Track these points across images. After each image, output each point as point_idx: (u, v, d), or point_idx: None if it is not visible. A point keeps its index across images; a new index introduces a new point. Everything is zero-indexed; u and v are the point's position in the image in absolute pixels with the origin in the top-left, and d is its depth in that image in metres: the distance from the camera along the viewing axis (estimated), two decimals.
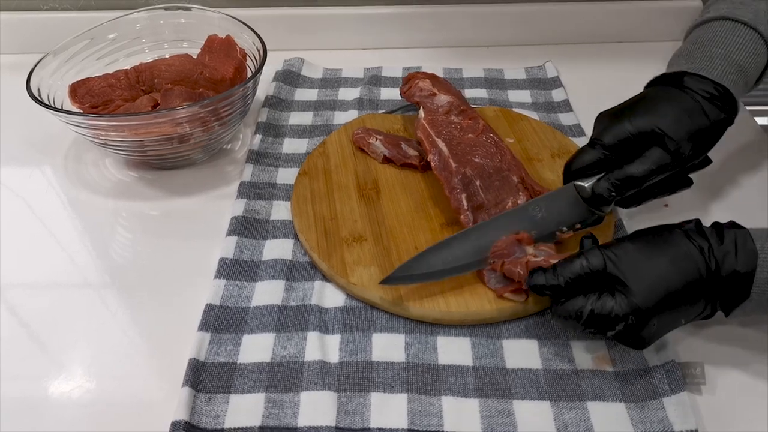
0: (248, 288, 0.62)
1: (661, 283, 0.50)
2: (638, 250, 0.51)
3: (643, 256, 0.51)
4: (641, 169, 0.57)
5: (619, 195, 0.59)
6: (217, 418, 0.52)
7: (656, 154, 0.57)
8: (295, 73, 0.92)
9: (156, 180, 0.76)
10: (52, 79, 0.76)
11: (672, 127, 0.57)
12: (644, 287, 0.50)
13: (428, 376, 0.54)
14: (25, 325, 0.60)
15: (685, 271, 0.50)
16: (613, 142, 0.59)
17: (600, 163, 0.60)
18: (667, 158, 0.57)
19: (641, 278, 0.50)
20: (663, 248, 0.51)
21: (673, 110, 0.58)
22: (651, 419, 0.50)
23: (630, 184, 0.58)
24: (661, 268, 0.50)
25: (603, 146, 0.59)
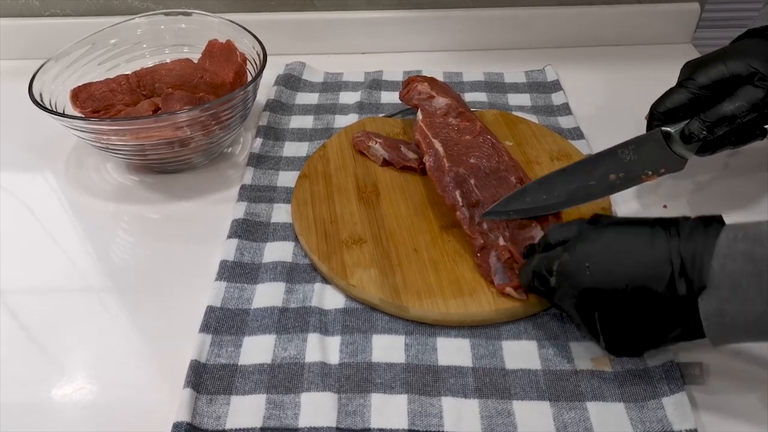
0: (249, 290, 0.62)
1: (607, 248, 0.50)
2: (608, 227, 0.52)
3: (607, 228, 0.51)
4: (734, 106, 0.59)
5: (711, 135, 0.60)
6: (219, 419, 0.52)
7: (749, 91, 0.59)
8: (296, 77, 0.93)
9: (157, 184, 0.77)
10: (53, 84, 0.76)
11: (765, 65, 0.59)
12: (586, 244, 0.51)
13: (428, 377, 0.54)
14: (27, 329, 0.61)
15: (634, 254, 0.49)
16: (706, 83, 0.61)
17: (689, 104, 0.62)
18: (759, 94, 0.59)
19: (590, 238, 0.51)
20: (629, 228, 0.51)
21: (764, 54, 0.60)
22: (650, 419, 0.50)
23: (723, 121, 0.59)
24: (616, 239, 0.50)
25: (696, 86, 0.61)
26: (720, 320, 0.45)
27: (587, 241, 0.51)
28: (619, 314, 0.50)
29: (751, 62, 0.60)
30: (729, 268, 0.44)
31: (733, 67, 0.60)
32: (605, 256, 0.49)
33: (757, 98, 0.59)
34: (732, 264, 0.44)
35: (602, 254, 0.50)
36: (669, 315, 0.48)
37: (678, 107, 0.62)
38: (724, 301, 0.45)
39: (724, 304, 0.45)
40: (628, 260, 0.48)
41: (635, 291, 0.48)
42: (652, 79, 0.94)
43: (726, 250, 0.45)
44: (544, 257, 0.54)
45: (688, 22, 0.99)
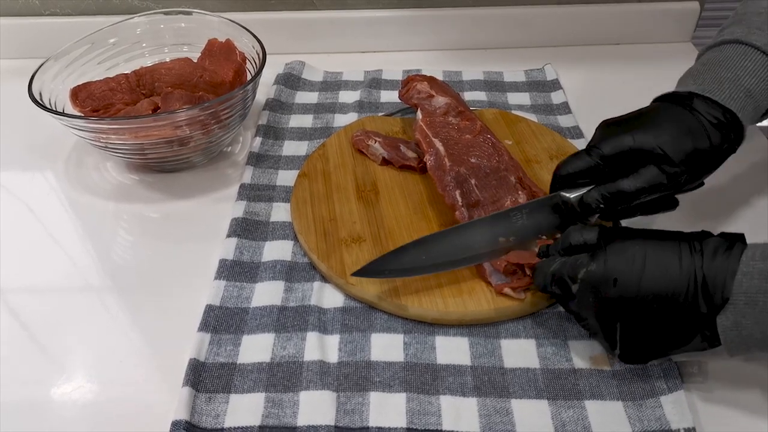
0: (248, 289, 0.62)
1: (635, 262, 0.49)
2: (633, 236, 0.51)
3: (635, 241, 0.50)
4: (634, 185, 0.56)
5: (608, 208, 0.58)
6: (217, 417, 0.52)
7: (652, 173, 0.56)
8: (295, 76, 0.93)
9: (156, 183, 0.77)
10: (53, 83, 0.76)
11: (673, 149, 0.56)
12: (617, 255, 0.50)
13: (427, 375, 0.54)
14: (27, 328, 0.61)
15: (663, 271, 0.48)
16: (610, 153, 0.58)
17: (591, 171, 0.59)
18: (662, 179, 0.56)
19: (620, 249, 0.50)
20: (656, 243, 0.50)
21: (677, 131, 0.57)
22: (648, 417, 0.50)
23: (620, 198, 0.57)
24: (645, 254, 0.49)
25: (599, 155, 0.58)
26: (736, 333, 0.47)
27: (615, 253, 0.50)
28: (641, 325, 0.50)
29: (660, 140, 0.56)
30: (746, 285, 0.46)
31: (640, 142, 0.56)
32: (633, 271, 0.49)
33: (659, 182, 0.56)
34: (749, 281, 0.46)
35: (631, 268, 0.49)
36: (688, 327, 0.48)
37: (580, 172, 0.59)
38: (740, 316, 0.46)
39: (740, 318, 0.46)
40: (656, 276, 0.48)
41: (660, 305, 0.48)
42: (651, 78, 0.94)
43: (744, 267, 0.46)
44: (568, 263, 0.53)
45: (688, 21, 0.99)
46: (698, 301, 0.47)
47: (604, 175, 0.58)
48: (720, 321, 0.47)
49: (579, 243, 0.53)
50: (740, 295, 0.46)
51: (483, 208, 0.63)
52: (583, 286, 0.51)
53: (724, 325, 0.47)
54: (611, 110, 0.86)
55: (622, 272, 0.49)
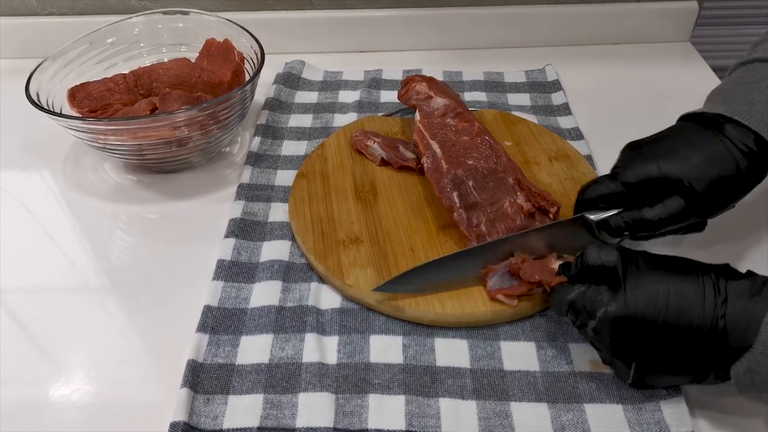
0: (246, 289, 0.62)
1: (656, 304, 0.47)
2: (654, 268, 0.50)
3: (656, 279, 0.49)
4: (658, 215, 0.56)
5: (633, 234, 0.57)
6: (216, 419, 0.52)
7: (677, 203, 0.55)
8: (295, 76, 0.93)
9: (155, 183, 0.77)
10: (50, 83, 0.76)
11: (700, 181, 0.54)
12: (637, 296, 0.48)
13: (426, 377, 0.54)
14: (25, 328, 0.60)
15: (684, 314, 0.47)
16: (635, 181, 0.57)
17: (616, 196, 0.58)
18: (687, 210, 0.55)
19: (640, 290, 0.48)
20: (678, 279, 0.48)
21: (704, 159, 0.55)
22: (648, 421, 0.50)
23: (644, 227, 0.56)
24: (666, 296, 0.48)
25: (623, 182, 0.57)
26: (749, 378, 0.46)
27: (635, 293, 0.48)
28: (656, 363, 0.49)
29: (687, 170, 0.55)
30: (764, 336, 0.44)
31: (665, 171, 0.55)
32: (654, 313, 0.47)
33: (684, 213, 0.55)
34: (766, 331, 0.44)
35: (652, 310, 0.48)
36: (704, 367, 0.48)
37: (604, 197, 0.58)
38: (755, 363, 0.45)
39: (755, 366, 0.45)
40: (677, 318, 0.47)
41: (678, 347, 0.47)
42: (651, 78, 0.95)
43: (766, 317, 0.45)
44: (587, 296, 0.51)
45: (687, 20, 0.99)
46: (717, 345, 0.46)
47: (629, 201, 0.58)
48: (735, 367, 0.46)
49: (596, 264, 0.51)
50: (758, 344, 0.45)
51: (481, 209, 0.63)
52: (601, 324, 0.49)
53: (737, 370, 0.46)
54: (612, 110, 0.87)
55: (643, 314, 0.48)
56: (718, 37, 1.21)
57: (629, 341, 0.49)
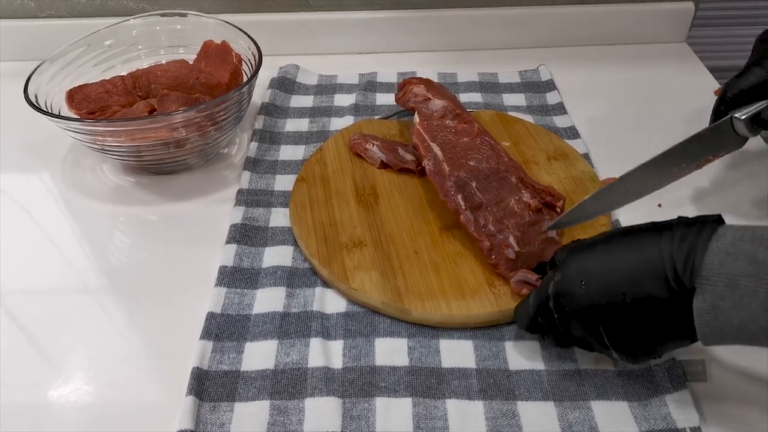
0: (249, 295, 0.62)
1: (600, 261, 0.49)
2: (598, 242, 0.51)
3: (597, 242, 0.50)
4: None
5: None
6: (222, 426, 0.51)
7: None
8: (290, 80, 0.92)
9: (153, 185, 0.76)
10: (49, 85, 0.76)
11: None
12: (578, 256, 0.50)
13: (432, 379, 0.54)
14: (25, 331, 0.60)
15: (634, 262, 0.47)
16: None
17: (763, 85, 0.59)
18: None
19: (581, 253, 0.50)
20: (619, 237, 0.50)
21: None
22: (654, 416, 0.51)
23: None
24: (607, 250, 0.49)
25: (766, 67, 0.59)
26: (712, 317, 0.44)
27: (577, 258, 0.50)
28: (624, 324, 0.48)
29: None
30: (728, 267, 0.43)
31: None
32: (598, 270, 0.49)
33: None
34: (733, 263, 0.43)
35: (594, 268, 0.49)
36: (672, 317, 0.46)
37: (752, 88, 0.60)
38: (719, 298, 0.43)
39: (719, 301, 0.43)
40: (620, 271, 0.47)
41: (634, 300, 0.47)
42: (646, 79, 0.95)
43: (730, 248, 0.44)
44: (540, 287, 0.53)
45: (683, 20, 1.00)
46: (670, 285, 0.45)
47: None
48: (696, 303, 0.44)
49: (561, 259, 0.53)
50: (721, 276, 0.43)
51: (487, 209, 0.63)
52: (557, 300, 0.50)
53: (700, 308, 0.44)
54: (608, 110, 0.87)
55: (587, 272, 0.49)
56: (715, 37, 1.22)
57: (588, 306, 0.49)
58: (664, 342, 0.49)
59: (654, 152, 0.79)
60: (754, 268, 0.42)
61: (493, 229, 0.62)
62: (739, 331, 0.44)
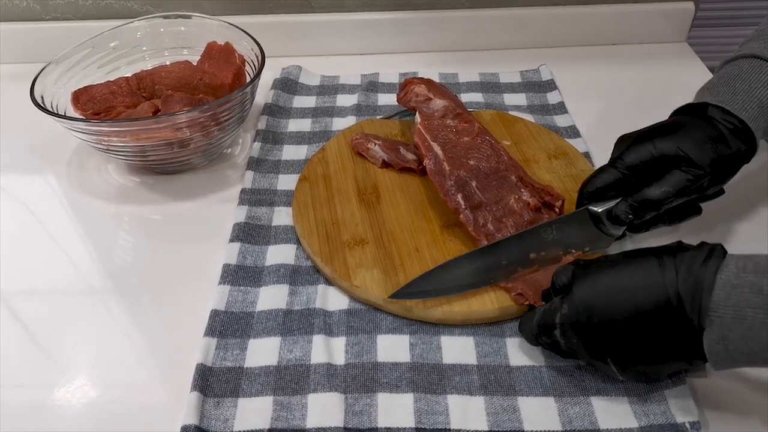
0: (252, 293, 0.63)
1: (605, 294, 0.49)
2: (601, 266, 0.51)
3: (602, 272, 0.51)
4: (661, 191, 0.58)
5: (637, 218, 0.59)
6: (227, 421, 0.52)
7: (676, 177, 0.58)
8: (292, 81, 0.93)
9: (157, 184, 0.77)
10: (54, 87, 0.77)
11: (694, 151, 0.57)
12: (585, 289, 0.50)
13: (433, 375, 0.55)
14: (30, 331, 0.61)
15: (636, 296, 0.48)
16: (634, 163, 0.59)
17: (618, 183, 0.60)
18: (686, 182, 0.57)
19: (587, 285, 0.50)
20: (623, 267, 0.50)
21: (697, 136, 0.59)
22: (654, 412, 0.51)
23: (648, 206, 0.58)
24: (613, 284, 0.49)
25: (624, 166, 0.60)
26: (722, 347, 0.45)
27: (583, 289, 0.50)
28: (632, 355, 0.50)
29: (681, 144, 0.58)
30: (735, 299, 0.44)
31: (661, 148, 0.58)
32: (604, 305, 0.49)
33: (684, 185, 0.58)
34: (738, 295, 0.44)
35: (600, 303, 0.49)
36: (679, 348, 0.48)
37: (607, 186, 0.61)
38: (727, 330, 0.44)
39: (727, 332, 0.44)
40: (627, 305, 0.48)
41: (642, 333, 0.48)
42: (647, 78, 0.96)
43: (734, 280, 0.44)
44: (546, 311, 0.53)
45: (683, 21, 1.00)
46: (680, 321, 0.46)
47: (630, 186, 0.60)
48: (706, 335, 0.45)
49: (562, 284, 0.53)
50: (728, 308, 0.44)
51: (487, 208, 0.64)
52: (563, 330, 0.51)
53: (710, 339, 0.45)
54: (608, 110, 0.88)
55: (594, 306, 0.49)
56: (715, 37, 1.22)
57: (595, 337, 0.50)
58: (672, 367, 0.51)
59: None
60: (761, 300, 0.43)
61: (492, 228, 0.62)
62: (749, 359, 0.45)
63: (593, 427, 0.51)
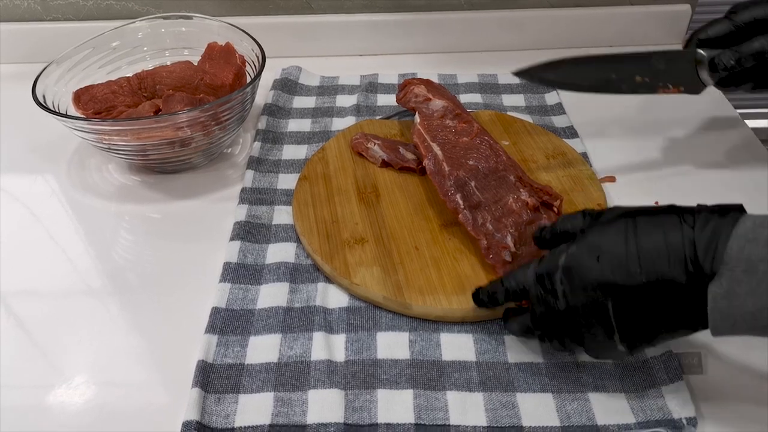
0: (253, 291, 0.63)
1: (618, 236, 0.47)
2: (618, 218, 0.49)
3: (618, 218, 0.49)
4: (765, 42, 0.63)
5: (738, 66, 0.64)
6: (227, 417, 0.52)
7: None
8: (292, 82, 0.94)
9: (158, 184, 0.78)
10: (56, 86, 0.77)
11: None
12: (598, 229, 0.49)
13: (433, 372, 0.55)
14: (30, 329, 0.61)
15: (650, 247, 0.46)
16: (748, 19, 0.65)
17: (727, 36, 0.66)
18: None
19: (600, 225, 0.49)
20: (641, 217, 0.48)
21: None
22: (651, 407, 0.52)
23: (751, 55, 0.63)
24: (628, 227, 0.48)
25: (738, 20, 0.65)
26: (727, 303, 0.43)
27: (595, 233, 0.49)
28: (633, 306, 0.47)
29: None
30: (747, 252, 0.43)
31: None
32: (616, 247, 0.47)
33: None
34: (753, 248, 0.43)
35: (613, 245, 0.47)
36: (683, 302, 0.46)
37: (717, 38, 0.66)
38: (736, 284, 0.43)
39: (735, 286, 0.43)
40: (639, 250, 0.46)
41: (648, 282, 0.46)
42: None
43: (750, 234, 0.43)
44: (548, 257, 0.51)
45: (679, 23, 1.01)
46: (688, 273, 0.44)
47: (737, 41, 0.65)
48: (712, 288, 0.44)
49: (565, 229, 0.52)
50: (740, 261, 0.43)
51: (486, 208, 0.64)
52: (568, 272, 0.49)
53: (715, 293, 0.43)
54: (604, 111, 0.88)
55: (605, 251, 0.47)
56: None
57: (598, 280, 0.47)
58: (669, 328, 0.48)
59: (650, 151, 0.80)
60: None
61: (491, 228, 0.63)
62: (752, 318, 0.43)
63: (591, 422, 0.51)
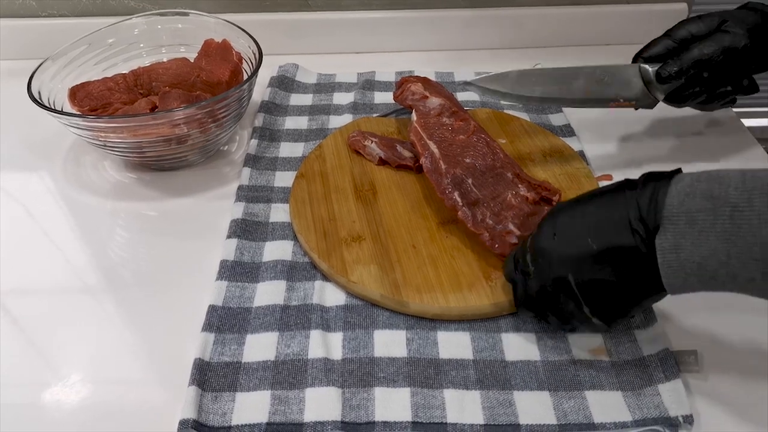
0: (250, 289, 0.63)
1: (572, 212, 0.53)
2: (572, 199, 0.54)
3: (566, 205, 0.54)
4: (702, 47, 0.67)
5: (682, 74, 0.68)
6: (224, 415, 0.52)
7: (718, 37, 0.67)
8: (289, 79, 0.93)
9: (154, 181, 0.77)
10: (51, 83, 0.77)
11: (736, 19, 0.68)
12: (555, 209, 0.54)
13: (430, 370, 0.55)
14: (26, 328, 0.61)
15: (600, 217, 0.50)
16: (685, 36, 0.70)
17: (668, 53, 0.71)
18: (726, 39, 0.67)
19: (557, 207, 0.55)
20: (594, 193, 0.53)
21: (740, 13, 0.69)
22: (647, 405, 0.52)
23: (692, 62, 0.68)
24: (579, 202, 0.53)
25: (675, 37, 0.71)
26: (675, 256, 0.45)
27: (553, 215, 0.54)
28: (593, 277, 0.50)
29: (723, 17, 0.68)
30: (687, 205, 0.45)
31: (708, 23, 0.69)
32: (567, 223, 0.52)
33: (722, 43, 0.66)
34: (691, 201, 0.45)
35: (564, 221, 0.52)
36: (638, 266, 0.48)
37: (659, 55, 0.71)
38: (680, 237, 0.45)
39: (680, 239, 0.45)
40: (588, 222, 0.50)
41: (600, 250, 0.49)
42: None
43: (687, 188, 0.46)
44: (522, 243, 0.57)
45: (676, 21, 1.00)
46: (634, 230, 0.47)
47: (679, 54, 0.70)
48: (659, 242, 0.46)
49: None
50: (681, 215, 0.45)
51: (484, 204, 0.64)
52: (534, 256, 0.54)
53: (663, 247, 0.46)
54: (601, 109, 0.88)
55: (558, 225, 0.52)
56: None
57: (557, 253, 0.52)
58: (634, 296, 0.50)
59: (646, 150, 0.81)
60: (711, 203, 0.44)
61: (491, 222, 0.63)
62: (700, 270, 0.45)
63: (588, 420, 0.51)
